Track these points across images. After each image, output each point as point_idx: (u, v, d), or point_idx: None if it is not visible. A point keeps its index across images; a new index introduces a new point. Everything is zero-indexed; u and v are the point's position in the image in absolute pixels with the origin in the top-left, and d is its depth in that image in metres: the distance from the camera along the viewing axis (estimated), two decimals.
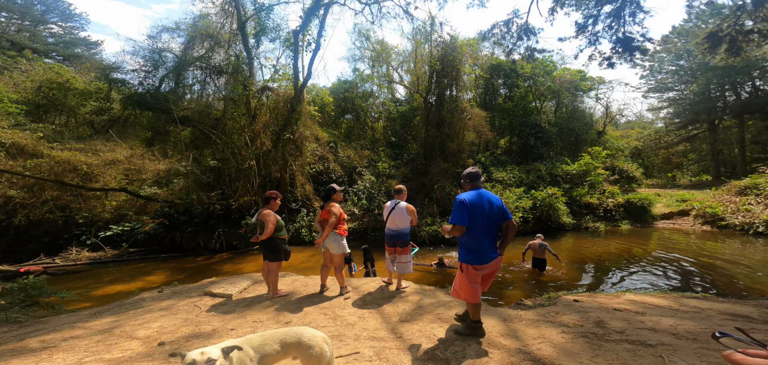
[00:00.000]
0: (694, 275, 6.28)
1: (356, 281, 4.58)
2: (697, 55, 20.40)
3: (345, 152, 13.87)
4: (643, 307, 2.77)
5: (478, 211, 2.38)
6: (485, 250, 2.37)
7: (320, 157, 12.52)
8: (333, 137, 14.02)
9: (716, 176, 20.46)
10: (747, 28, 6.59)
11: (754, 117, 20.01)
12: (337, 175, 12.62)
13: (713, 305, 2.67)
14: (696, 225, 12.24)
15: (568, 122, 19.92)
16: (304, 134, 11.17)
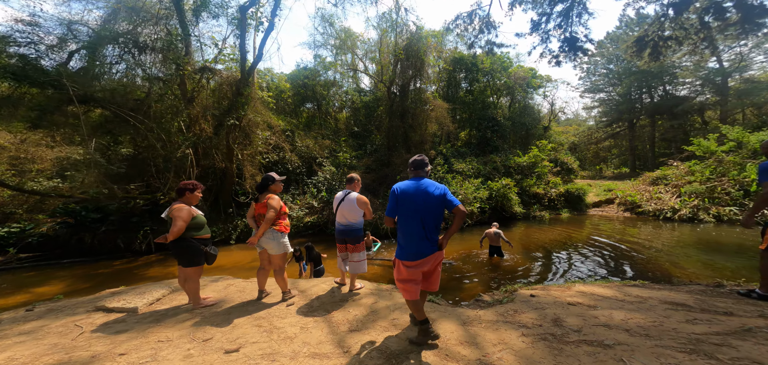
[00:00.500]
0: (624, 258, 7.03)
1: (305, 283, 4.05)
2: (625, 59, 23.36)
3: (303, 141, 12.88)
4: (593, 299, 2.73)
5: (411, 201, 2.15)
6: (418, 245, 2.14)
7: (274, 146, 11.39)
8: (290, 126, 12.89)
9: (632, 169, 23.96)
10: (666, 35, 7.39)
11: (662, 117, 23.74)
12: (294, 165, 11.65)
13: (653, 293, 2.73)
14: (619, 212, 14.09)
15: (520, 116, 21.36)
16: (255, 121, 9.97)
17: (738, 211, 10.78)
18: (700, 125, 21.41)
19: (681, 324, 2.14)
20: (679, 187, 13.05)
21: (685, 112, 21.98)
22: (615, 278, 5.60)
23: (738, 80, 20.41)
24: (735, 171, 12.02)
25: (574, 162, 18.15)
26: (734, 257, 6.72)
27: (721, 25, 7.55)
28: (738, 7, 5.56)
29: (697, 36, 8.77)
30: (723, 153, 12.84)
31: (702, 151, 13.56)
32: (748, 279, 5.11)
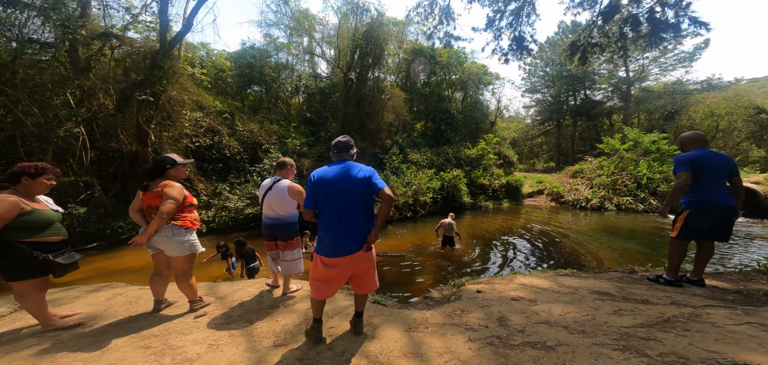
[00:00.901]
0: (553, 244, 7.85)
1: (226, 287, 3.39)
2: (559, 63, 26.45)
3: (246, 125, 11.39)
4: (533, 292, 2.74)
5: (328, 189, 1.84)
6: (338, 239, 1.84)
7: (208, 129, 9.76)
8: (230, 108, 11.22)
9: (557, 164, 27.61)
10: (594, 42, 8.27)
11: (582, 118, 27.65)
12: (233, 151, 10.21)
13: (582, 283, 2.85)
14: (547, 202, 16.02)
15: (471, 111, 22.58)
16: (179, 99, 8.32)
17: (632, 201, 13.10)
18: (608, 127, 25.55)
19: (610, 316, 2.17)
20: (592, 180, 15.34)
21: (598, 114, 25.96)
22: (548, 264, 6.13)
23: (637, 89, 24.78)
24: (631, 166, 14.58)
25: (514, 156, 19.97)
26: (629, 241, 8.07)
27: (635, 37, 8.67)
28: (649, 21, 6.44)
29: (616, 45, 10.11)
30: (624, 151, 15.44)
31: (609, 149, 16.11)
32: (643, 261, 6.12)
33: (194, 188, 8.67)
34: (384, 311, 2.78)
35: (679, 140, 2.79)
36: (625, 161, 15.07)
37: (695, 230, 2.54)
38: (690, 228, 2.55)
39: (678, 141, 2.79)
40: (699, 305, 2.16)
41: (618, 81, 24.93)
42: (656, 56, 23.26)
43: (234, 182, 10.23)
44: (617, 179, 14.36)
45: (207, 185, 8.89)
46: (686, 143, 2.71)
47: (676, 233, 2.60)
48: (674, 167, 2.59)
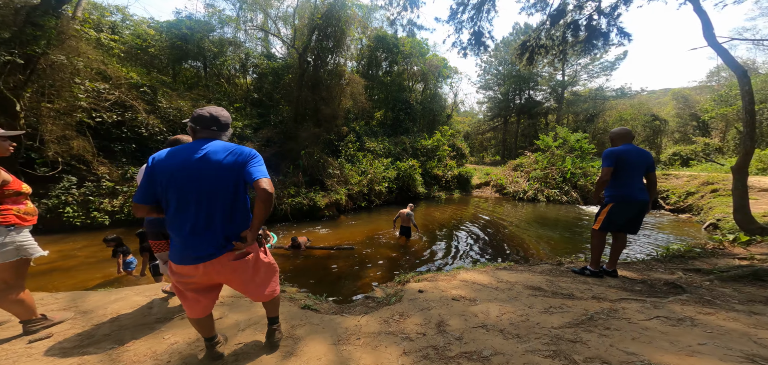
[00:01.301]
0: (497, 233, 8.39)
1: (100, 297, 2.67)
2: (510, 63, 28.46)
3: (173, 102, 9.60)
4: (473, 290, 2.66)
5: (174, 175, 1.36)
6: (188, 241, 1.38)
7: (116, 103, 7.88)
8: (151, 81, 9.27)
9: (503, 158, 30.18)
10: (541, 44, 8.88)
11: (524, 116, 30.46)
12: (152, 130, 8.51)
13: (518, 277, 2.88)
14: (492, 193, 17.36)
15: (430, 102, 23.02)
16: (72, 66, 6.50)
17: (559, 193, 14.90)
18: (544, 126, 28.68)
19: (541, 315, 2.16)
20: (529, 173, 17.04)
21: (537, 113, 28.91)
22: (489, 254, 6.45)
23: (569, 92, 28.11)
24: (559, 162, 16.53)
25: (466, 149, 21.08)
26: (555, 230, 9.09)
27: (573, 41, 9.49)
28: (587, 28, 7.08)
29: (558, 48, 11.08)
30: (555, 148, 17.42)
31: (544, 145, 18.00)
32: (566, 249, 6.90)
33: (93, 171, 6.99)
34: (313, 318, 2.44)
35: (610, 135, 2.91)
36: (556, 157, 17.02)
37: (615, 223, 2.73)
38: (611, 221, 2.73)
39: (609, 136, 2.92)
40: (615, 298, 2.29)
41: (555, 84, 27.99)
42: (586, 64, 26.63)
43: None
44: (548, 173, 16.16)
45: (111, 169, 7.26)
46: (615, 139, 2.83)
47: (598, 226, 2.77)
48: (602, 161, 2.72)
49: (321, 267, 5.51)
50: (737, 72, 5.18)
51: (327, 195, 10.08)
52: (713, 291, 2.29)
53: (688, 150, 21.70)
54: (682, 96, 26.96)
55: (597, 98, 26.35)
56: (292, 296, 3.05)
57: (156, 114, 8.77)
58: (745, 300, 2.09)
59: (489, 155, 37.77)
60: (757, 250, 3.38)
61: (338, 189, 10.56)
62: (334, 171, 11.13)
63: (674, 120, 26.67)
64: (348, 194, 11.07)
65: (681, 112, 26.58)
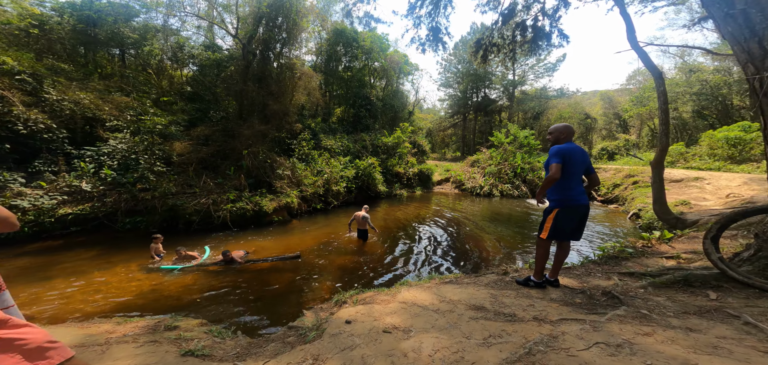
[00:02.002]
0: (456, 232, 8.35)
1: None
2: (468, 61, 29.53)
3: (70, 94, 7.75)
4: (411, 316, 2.28)
5: None
6: None
7: None
8: (32, 67, 7.29)
9: (463, 154, 31.41)
10: (494, 42, 9.04)
11: (481, 113, 31.98)
12: (35, 126, 6.71)
13: (462, 294, 2.57)
14: (452, 190, 17.78)
15: (391, 99, 22.78)
16: None
17: (511, 188, 15.76)
18: (498, 122, 30.46)
19: (478, 350, 1.84)
20: (484, 169, 17.79)
21: (492, 111, 30.57)
22: (450, 259, 6.28)
23: (519, 91, 30.15)
24: (511, 157, 17.54)
25: (427, 145, 21.31)
26: (507, 225, 9.42)
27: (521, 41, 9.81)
28: (532, 28, 7.30)
29: (508, 46, 11.51)
30: (507, 144, 18.44)
31: (497, 141, 18.96)
32: (520, 246, 7.08)
33: None
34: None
35: (552, 130, 2.64)
36: (507, 153, 18.01)
37: (561, 231, 2.49)
38: (557, 229, 2.49)
39: (550, 131, 2.65)
40: (555, 318, 2.07)
41: (507, 83, 29.85)
42: (533, 64, 28.82)
43: (42, 170, 6.84)
44: (502, 168, 17.02)
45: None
46: (559, 134, 2.58)
47: (545, 234, 2.52)
48: (547, 158, 2.46)
49: (258, 284, 4.77)
50: (654, 73, 5.64)
51: (276, 199, 9.13)
52: (648, 302, 2.21)
53: (612, 146, 24.78)
54: (608, 97, 30.71)
55: (541, 97, 28.71)
56: (180, 334, 2.36)
57: (41, 107, 6.95)
58: (679, 312, 2.01)
59: (450, 151, 39.13)
60: (682, 247, 3.61)
61: (289, 192, 9.66)
62: (285, 172, 10.18)
63: (602, 119, 30.30)
64: (301, 196, 10.22)
65: (607, 111, 30.28)
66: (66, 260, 5.23)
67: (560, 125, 2.57)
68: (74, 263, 5.15)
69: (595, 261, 3.38)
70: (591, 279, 2.85)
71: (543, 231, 2.54)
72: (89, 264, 5.21)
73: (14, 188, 6.02)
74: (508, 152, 17.93)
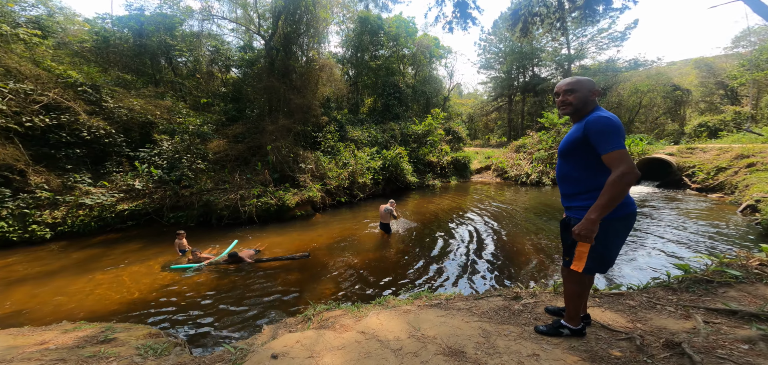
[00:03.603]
0: (490, 230, 7.31)
1: None
2: (511, 40, 26.40)
3: (125, 101, 8.87)
4: (357, 358, 1.78)
5: None
6: None
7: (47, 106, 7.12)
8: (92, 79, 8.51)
9: (509, 139, 28.40)
10: (534, 11, 7.59)
11: (530, 94, 28.40)
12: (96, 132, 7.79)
13: (444, 325, 1.92)
14: (493, 178, 16.06)
15: (422, 85, 21.59)
16: None
17: None
18: (551, 103, 26.58)
19: None
20: (532, 154, 15.59)
21: (543, 90, 26.80)
22: (473, 270, 5.47)
23: (577, 67, 25.82)
24: None
25: (464, 131, 19.66)
26: (555, 219, 7.92)
27: (571, 7, 8.10)
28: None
29: (553, 15, 9.65)
30: (561, 125, 15.82)
31: (548, 123, 16.41)
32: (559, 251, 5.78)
33: (26, 180, 6.37)
34: None
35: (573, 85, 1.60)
36: (562, 135, 15.45)
37: (610, 258, 1.56)
38: (604, 256, 1.54)
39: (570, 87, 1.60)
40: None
41: (561, 58, 25.69)
42: (593, 35, 24.16)
43: (113, 171, 7.99)
44: (554, 153, 14.69)
45: (50, 177, 6.64)
46: (589, 93, 1.57)
47: (583, 265, 1.55)
48: (602, 136, 1.42)
49: (263, 284, 4.69)
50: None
51: (298, 193, 9.23)
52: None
53: (716, 120, 19.55)
54: (705, 64, 24.32)
55: (608, 71, 24.01)
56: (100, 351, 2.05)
57: (101, 115, 8.05)
58: None
59: (495, 137, 35.86)
60: None
61: (311, 185, 9.68)
62: (308, 166, 10.23)
63: (698, 90, 24.19)
64: (325, 189, 10.18)
65: (705, 81, 24.03)
66: (112, 253, 5.91)
67: (584, 79, 1.62)
68: (117, 256, 5.78)
69: (669, 285, 2.28)
70: (651, 316, 1.87)
71: (577, 260, 1.57)
72: (132, 257, 5.80)
73: (83, 188, 7.09)
74: (562, 134, 15.43)
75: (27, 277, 4.91)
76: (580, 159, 1.58)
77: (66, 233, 6.63)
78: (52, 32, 9.79)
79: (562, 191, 1.73)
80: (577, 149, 1.57)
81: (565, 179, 1.68)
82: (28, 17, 9.74)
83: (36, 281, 4.77)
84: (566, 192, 1.69)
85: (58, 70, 7.64)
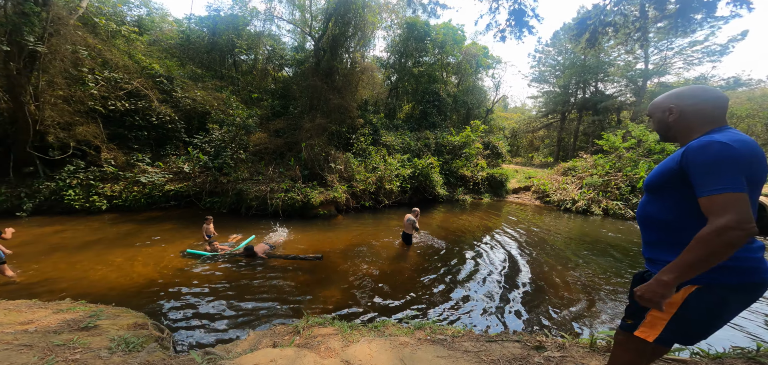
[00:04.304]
0: (520, 256, 6.51)
1: None
2: (572, 52, 24.06)
3: (190, 93, 9.96)
4: None
5: None
6: None
7: (132, 93, 8.30)
8: (169, 71, 9.72)
9: (556, 159, 25.78)
10: (607, 20, 6.71)
11: (588, 112, 25.49)
12: (163, 118, 8.85)
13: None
14: (532, 200, 14.58)
15: (464, 95, 20.70)
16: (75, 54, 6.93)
17: (622, 206, 11.61)
18: (615, 123, 23.44)
19: None
20: (583, 179, 13.78)
21: (606, 109, 23.78)
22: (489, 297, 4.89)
23: (655, 84, 22.32)
24: (629, 167, 12.94)
25: (504, 147, 18.30)
26: (604, 255, 6.73)
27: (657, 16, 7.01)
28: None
29: (633, 25, 8.39)
30: (624, 149, 13.74)
31: (608, 146, 14.39)
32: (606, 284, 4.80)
33: (99, 156, 7.45)
34: None
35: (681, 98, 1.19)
36: (624, 160, 13.42)
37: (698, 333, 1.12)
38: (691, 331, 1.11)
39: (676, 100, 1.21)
40: None
41: (634, 74, 22.41)
42: (682, 48, 20.47)
43: (171, 154, 9.00)
44: (610, 180, 12.80)
45: (117, 155, 7.66)
46: (706, 111, 1.12)
47: (655, 334, 1.12)
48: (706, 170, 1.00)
49: (269, 281, 4.71)
50: None
51: (324, 192, 9.35)
52: None
53: None
54: None
55: None
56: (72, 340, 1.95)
57: (170, 103, 9.12)
58: None
59: (540, 155, 32.95)
60: None
61: (337, 186, 9.75)
62: (337, 166, 10.34)
63: None
64: (351, 191, 10.18)
65: None
66: (148, 230, 6.44)
67: (706, 90, 1.14)
68: (151, 233, 6.28)
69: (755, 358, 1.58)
70: None
71: (648, 327, 1.15)
72: (166, 236, 6.33)
73: (142, 167, 8.05)
74: (624, 159, 13.43)
75: (69, 245, 5.41)
76: (671, 198, 1.14)
77: (119, 207, 7.53)
78: (147, 30, 11.50)
79: (644, 237, 1.29)
80: (668, 184, 1.13)
81: (649, 223, 1.23)
82: (132, 16, 11.53)
83: (75, 250, 5.21)
84: (648, 240, 1.25)
85: (145, 63, 8.88)
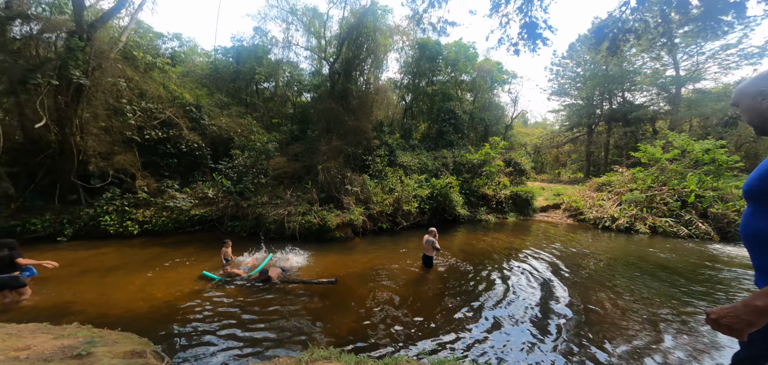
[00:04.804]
0: (556, 281, 5.85)
1: None
2: (592, 62, 23.26)
3: (216, 120, 10.65)
4: None
5: None
6: None
7: (164, 122, 9.02)
8: (198, 100, 10.54)
9: (586, 174, 24.12)
10: (627, 26, 6.37)
11: (618, 124, 23.97)
12: (191, 145, 9.43)
13: None
14: (563, 218, 13.47)
15: (480, 112, 20.39)
16: (115, 86, 7.68)
17: (673, 223, 10.34)
18: (650, 134, 21.73)
19: None
20: (621, 194, 12.59)
21: (638, 119, 22.26)
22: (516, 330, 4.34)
23: (690, 91, 20.77)
24: (675, 181, 11.67)
25: (528, 164, 17.44)
26: (657, 278, 5.84)
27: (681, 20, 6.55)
28: None
29: (656, 30, 7.92)
30: (666, 161, 12.51)
31: (647, 158, 13.21)
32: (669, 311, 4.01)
33: (133, 183, 7.95)
34: None
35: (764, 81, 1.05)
36: (668, 173, 12.16)
37: None
38: None
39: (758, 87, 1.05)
40: None
41: (665, 82, 21.03)
42: (714, 52, 19.15)
43: (198, 180, 9.47)
44: (655, 195, 11.56)
45: (149, 182, 8.15)
46: None
47: None
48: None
49: (281, 307, 4.51)
50: None
51: (341, 214, 9.23)
52: None
53: None
54: None
55: None
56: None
57: (198, 131, 9.74)
58: None
59: (568, 171, 31.11)
60: None
61: (354, 208, 9.61)
62: (354, 188, 10.28)
63: None
64: (368, 213, 9.99)
65: None
66: (173, 253, 6.61)
67: None
68: (176, 256, 6.45)
69: None
70: None
71: None
72: (189, 259, 6.43)
73: (171, 193, 8.48)
74: (669, 171, 12.20)
75: (100, 267, 5.60)
76: None
77: (149, 231, 7.89)
78: (180, 62, 12.70)
79: (755, 261, 1.00)
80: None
81: (756, 239, 0.97)
82: (165, 48, 12.85)
83: (104, 273, 5.37)
84: (759, 264, 0.98)
85: (176, 93, 9.68)
